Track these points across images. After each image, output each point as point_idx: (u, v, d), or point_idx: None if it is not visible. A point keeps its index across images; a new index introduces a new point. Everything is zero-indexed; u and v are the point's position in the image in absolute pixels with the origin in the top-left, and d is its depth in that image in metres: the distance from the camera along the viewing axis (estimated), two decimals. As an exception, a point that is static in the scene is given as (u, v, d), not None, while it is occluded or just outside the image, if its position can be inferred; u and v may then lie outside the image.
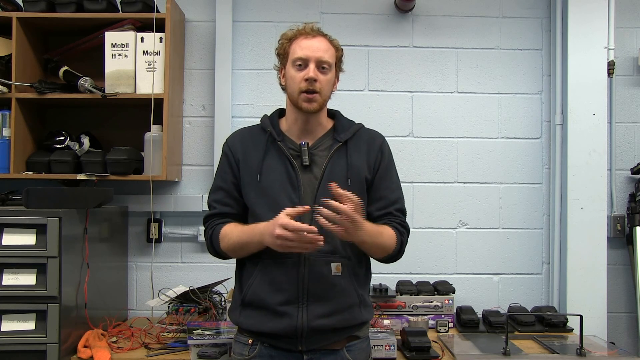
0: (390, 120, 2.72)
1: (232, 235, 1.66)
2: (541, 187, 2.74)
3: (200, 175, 2.70)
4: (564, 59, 2.64)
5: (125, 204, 2.61)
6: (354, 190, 1.67)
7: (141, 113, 2.47)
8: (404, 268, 2.61)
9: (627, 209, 2.67)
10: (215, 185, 1.77)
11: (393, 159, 1.79)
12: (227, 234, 1.67)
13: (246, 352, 1.68)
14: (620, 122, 2.73)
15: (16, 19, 2.40)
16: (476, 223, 2.73)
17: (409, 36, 2.75)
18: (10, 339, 1.94)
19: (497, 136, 2.74)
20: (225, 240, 1.68)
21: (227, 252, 1.70)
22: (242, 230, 1.65)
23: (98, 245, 2.29)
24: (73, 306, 2.06)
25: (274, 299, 1.62)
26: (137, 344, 2.12)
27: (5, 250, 1.96)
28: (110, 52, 2.44)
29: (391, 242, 1.67)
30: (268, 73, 2.60)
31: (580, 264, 2.56)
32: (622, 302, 2.70)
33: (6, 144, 2.40)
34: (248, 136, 1.76)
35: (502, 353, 2.04)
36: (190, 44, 2.72)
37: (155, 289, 2.53)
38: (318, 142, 1.72)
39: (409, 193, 1.84)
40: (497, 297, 2.71)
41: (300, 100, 1.66)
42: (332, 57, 1.69)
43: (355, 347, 1.69)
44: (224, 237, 1.68)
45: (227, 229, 1.68)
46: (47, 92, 2.42)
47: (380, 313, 2.37)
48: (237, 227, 1.67)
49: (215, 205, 1.74)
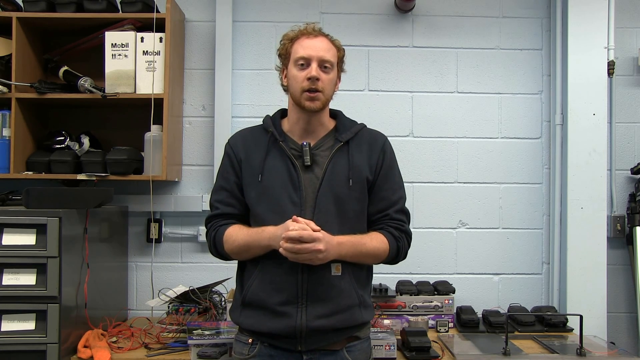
0: (390, 120, 2.71)
1: (237, 238, 1.66)
2: (541, 187, 2.74)
3: (200, 175, 2.70)
4: (564, 59, 2.64)
5: (125, 204, 2.61)
6: (355, 191, 1.68)
7: (141, 113, 2.47)
8: (404, 268, 2.61)
9: (627, 209, 2.67)
10: (218, 186, 1.76)
11: (395, 158, 1.79)
12: (232, 236, 1.67)
13: (246, 351, 1.68)
14: (620, 122, 2.73)
15: (16, 19, 2.40)
16: (476, 223, 2.73)
17: (409, 36, 2.75)
18: (10, 339, 1.94)
19: (497, 136, 2.74)
20: (230, 243, 1.67)
21: (231, 254, 1.70)
22: (248, 233, 1.65)
23: (98, 245, 2.29)
24: (73, 306, 2.06)
25: (273, 299, 1.62)
26: (137, 344, 2.12)
27: (5, 250, 1.96)
28: (110, 52, 2.44)
29: (380, 249, 1.68)
30: (268, 73, 2.60)
31: (580, 264, 2.56)
32: (622, 302, 2.70)
33: (6, 144, 2.40)
34: (250, 136, 1.76)
35: (502, 353, 2.04)
36: (190, 44, 2.72)
37: (155, 289, 2.53)
38: (320, 142, 1.72)
39: (409, 193, 1.84)
40: (497, 297, 2.71)
41: (303, 99, 1.66)
42: (334, 57, 1.69)
43: (355, 347, 1.69)
44: (228, 239, 1.68)
45: (231, 231, 1.68)
46: (47, 92, 2.42)
47: (380, 313, 2.37)
48: (242, 230, 1.67)
49: (218, 206, 1.74)
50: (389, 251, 1.69)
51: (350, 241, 1.63)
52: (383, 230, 1.71)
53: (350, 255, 1.63)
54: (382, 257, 1.69)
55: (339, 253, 1.60)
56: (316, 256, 1.54)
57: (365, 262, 1.70)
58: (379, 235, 1.69)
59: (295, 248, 1.52)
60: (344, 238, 1.62)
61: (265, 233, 1.61)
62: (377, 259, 1.70)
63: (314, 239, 1.52)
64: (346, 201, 1.67)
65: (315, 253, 1.53)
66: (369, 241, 1.67)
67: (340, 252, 1.60)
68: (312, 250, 1.53)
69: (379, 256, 1.69)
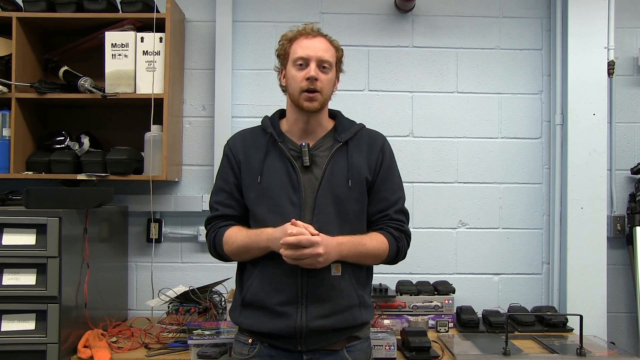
0: (390, 120, 2.71)
1: (237, 239, 1.66)
2: (541, 187, 2.74)
3: (200, 176, 2.70)
4: (564, 59, 2.64)
5: (125, 204, 2.61)
6: (354, 191, 1.68)
7: (141, 113, 2.47)
8: (404, 268, 2.61)
9: (627, 209, 2.67)
10: (217, 187, 1.76)
11: (395, 159, 1.79)
12: (232, 237, 1.67)
13: (246, 351, 1.68)
14: (620, 122, 2.73)
15: (16, 19, 2.40)
16: (476, 223, 2.73)
17: (409, 36, 2.75)
18: (10, 339, 1.94)
19: (497, 136, 2.74)
20: (230, 244, 1.68)
21: (230, 256, 1.71)
22: (247, 234, 1.66)
23: (98, 245, 2.29)
24: (73, 306, 2.06)
25: (273, 299, 1.62)
26: (137, 344, 2.12)
27: (5, 250, 1.96)
28: (110, 52, 2.44)
29: (380, 250, 1.68)
30: (268, 73, 2.60)
31: (580, 264, 2.56)
32: (622, 302, 2.70)
33: (6, 144, 2.40)
34: (249, 137, 1.76)
35: (502, 353, 2.04)
36: (190, 44, 2.72)
37: (155, 289, 2.53)
38: (319, 143, 1.72)
39: (409, 193, 1.84)
40: (497, 297, 2.71)
41: (302, 100, 1.66)
42: (332, 57, 1.69)
43: (355, 347, 1.69)
44: (227, 240, 1.68)
45: (230, 233, 1.68)
46: (47, 92, 2.42)
47: (380, 313, 2.37)
48: (241, 231, 1.67)
49: (218, 207, 1.74)
50: (388, 251, 1.69)
51: (351, 241, 1.63)
52: (383, 230, 1.71)
53: (351, 255, 1.63)
54: (382, 257, 1.70)
55: (339, 254, 1.60)
56: (317, 260, 1.54)
57: (365, 262, 1.70)
58: (378, 236, 1.69)
59: (295, 255, 1.53)
60: (344, 238, 1.62)
61: (263, 235, 1.61)
62: (377, 259, 1.70)
63: (312, 243, 1.52)
64: (346, 202, 1.67)
65: (315, 257, 1.53)
66: (369, 241, 1.67)
67: (340, 252, 1.60)
68: (312, 255, 1.53)
69: (379, 256, 1.69)
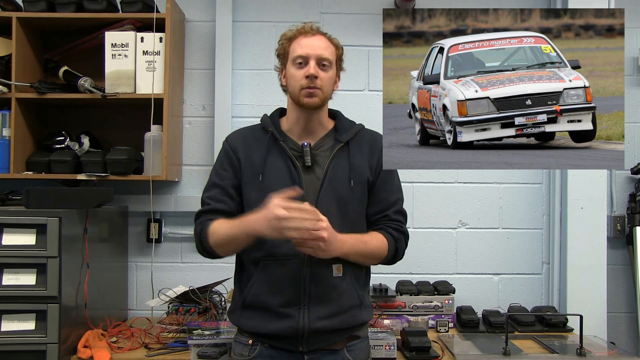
0: (390, 120, 2.72)
1: (221, 230, 1.61)
2: (541, 187, 2.74)
3: (200, 175, 2.69)
4: (564, 59, 2.64)
5: (125, 204, 2.61)
6: (357, 192, 1.68)
7: (141, 113, 2.47)
8: (404, 268, 2.61)
9: (627, 209, 2.67)
10: (211, 182, 1.73)
11: None
12: (216, 229, 1.62)
13: (246, 352, 1.67)
14: (620, 122, 2.73)
15: (16, 19, 2.39)
16: (476, 223, 2.73)
17: (409, 36, 2.75)
18: (10, 339, 1.94)
19: (497, 136, 2.74)
20: (215, 236, 1.62)
21: (215, 248, 1.64)
22: (232, 223, 1.60)
23: (98, 245, 2.29)
24: (73, 306, 2.06)
25: (275, 300, 1.62)
26: (137, 344, 2.12)
27: (5, 250, 1.96)
28: (110, 52, 2.44)
29: (381, 249, 1.68)
30: (268, 73, 2.60)
31: (580, 264, 2.56)
32: (622, 302, 2.70)
33: (6, 144, 2.40)
34: (250, 136, 1.75)
35: (502, 353, 2.04)
36: (190, 44, 2.72)
37: (155, 289, 2.53)
38: (320, 143, 1.72)
39: (409, 193, 1.84)
40: (497, 297, 2.71)
41: (302, 96, 1.64)
42: (332, 55, 1.68)
43: (355, 346, 1.69)
44: (212, 233, 1.63)
45: (216, 225, 1.63)
46: (47, 92, 2.42)
47: (380, 313, 2.37)
48: (226, 222, 1.62)
49: (209, 202, 1.69)
50: (387, 251, 1.69)
51: (353, 239, 1.62)
52: (382, 230, 1.71)
53: (352, 253, 1.62)
54: (382, 257, 1.70)
55: (341, 249, 1.58)
56: (318, 245, 1.50)
57: (365, 261, 1.70)
58: (378, 235, 1.69)
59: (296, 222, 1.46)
60: (347, 236, 1.61)
61: (245, 220, 1.56)
62: (376, 259, 1.70)
63: (319, 218, 1.49)
64: (348, 202, 1.67)
65: (317, 241, 1.49)
66: (370, 240, 1.67)
67: (342, 249, 1.59)
68: (314, 237, 1.48)
69: (379, 256, 1.69)
